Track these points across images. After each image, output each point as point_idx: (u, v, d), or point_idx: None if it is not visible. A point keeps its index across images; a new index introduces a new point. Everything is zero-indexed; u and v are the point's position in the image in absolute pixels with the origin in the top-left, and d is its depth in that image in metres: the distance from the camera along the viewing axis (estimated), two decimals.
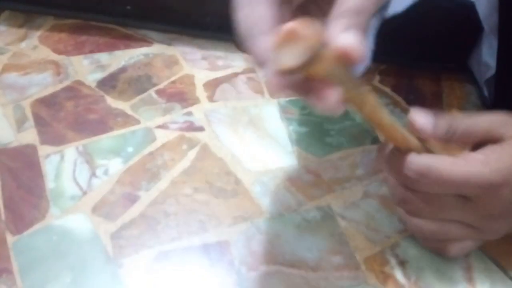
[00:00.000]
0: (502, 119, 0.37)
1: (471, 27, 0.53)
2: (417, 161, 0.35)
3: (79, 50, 0.58)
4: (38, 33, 0.60)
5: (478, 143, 0.37)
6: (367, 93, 0.33)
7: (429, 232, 0.39)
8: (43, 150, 0.48)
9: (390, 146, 0.38)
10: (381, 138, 0.50)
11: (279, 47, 0.29)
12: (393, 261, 0.41)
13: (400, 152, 0.36)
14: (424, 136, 0.37)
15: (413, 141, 0.36)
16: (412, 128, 0.37)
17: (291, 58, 0.28)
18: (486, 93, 0.53)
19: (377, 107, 0.34)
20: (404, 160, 0.36)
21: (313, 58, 0.28)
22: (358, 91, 0.32)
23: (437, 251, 0.41)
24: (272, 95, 0.30)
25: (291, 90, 0.30)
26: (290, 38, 0.28)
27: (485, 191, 0.35)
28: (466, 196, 0.36)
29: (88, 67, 0.56)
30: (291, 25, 0.28)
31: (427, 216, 0.38)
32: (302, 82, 0.29)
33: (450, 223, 0.38)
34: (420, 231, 0.39)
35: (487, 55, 0.52)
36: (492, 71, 0.51)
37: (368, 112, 0.33)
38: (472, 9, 0.52)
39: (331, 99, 0.29)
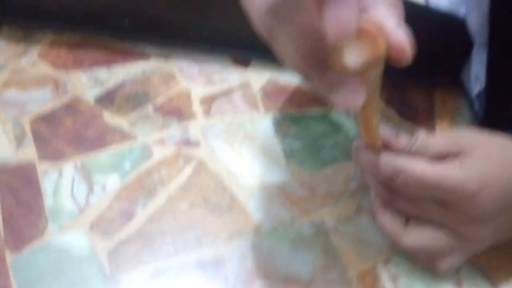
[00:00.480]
0: (460, 134, 0.40)
1: (464, 41, 0.54)
2: (394, 160, 0.38)
3: (77, 65, 0.59)
4: (37, 48, 0.61)
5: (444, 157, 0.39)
6: (378, 96, 0.34)
7: (419, 245, 0.40)
8: (42, 166, 0.49)
9: (365, 148, 0.41)
10: None
11: (344, 41, 0.27)
12: (385, 276, 0.42)
13: (376, 152, 0.40)
14: (390, 145, 0.40)
15: (380, 142, 0.39)
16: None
17: (354, 56, 0.27)
18: (477, 106, 0.54)
19: (376, 110, 0.35)
20: (382, 159, 0.39)
21: (377, 63, 0.28)
22: (375, 92, 0.33)
23: (427, 267, 0.41)
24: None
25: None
26: (360, 34, 0.27)
27: (461, 195, 0.37)
28: (445, 202, 0.38)
29: (87, 83, 0.57)
30: (367, 25, 0.27)
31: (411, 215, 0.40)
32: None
33: (436, 232, 0.39)
34: (411, 248, 0.40)
35: (478, 69, 0.53)
36: (482, 85, 0.52)
37: (367, 112, 0.35)
38: (465, 23, 0.53)
39: (362, 95, 0.30)
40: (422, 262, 0.42)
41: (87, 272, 0.42)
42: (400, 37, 0.27)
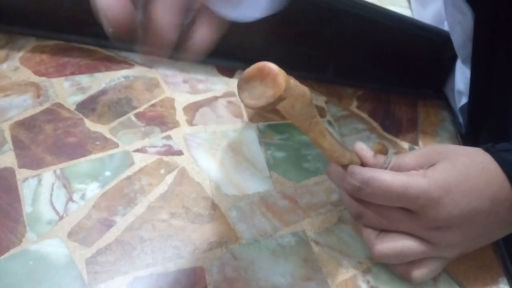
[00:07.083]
0: (430, 149, 0.41)
1: (448, 56, 0.54)
2: (361, 171, 0.39)
3: (60, 72, 0.59)
4: (20, 54, 0.60)
5: None
6: (316, 122, 0.35)
7: (390, 252, 0.40)
8: (21, 173, 0.48)
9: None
10: None
11: (248, 79, 0.30)
12: (364, 286, 0.42)
13: (344, 168, 0.41)
14: (367, 164, 0.41)
15: (348, 160, 0.41)
16: (358, 154, 0.42)
17: (253, 100, 0.30)
18: (460, 119, 0.54)
19: (321, 135, 0.37)
20: (349, 171, 0.40)
21: (281, 99, 0.29)
22: (310, 121, 0.34)
23: (404, 276, 0.42)
24: None
25: None
26: (262, 75, 0.30)
27: (425, 202, 0.38)
28: (412, 210, 0.39)
29: (69, 89, 0.57)
30: (271, 65, 0.29)
31: (380, 228, 0.41)
32: None
33: (406, 239, 0.40)
34: (384, 255, 0.40)
35: (460, 83, 0.53)
36: (465, 99, 0.52)
37: (312, 137, 0.37)
38: (449, 38, 0.53)
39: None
40: (398, 271, 0.42)
41: (65, 281, 0.41)
42: None
